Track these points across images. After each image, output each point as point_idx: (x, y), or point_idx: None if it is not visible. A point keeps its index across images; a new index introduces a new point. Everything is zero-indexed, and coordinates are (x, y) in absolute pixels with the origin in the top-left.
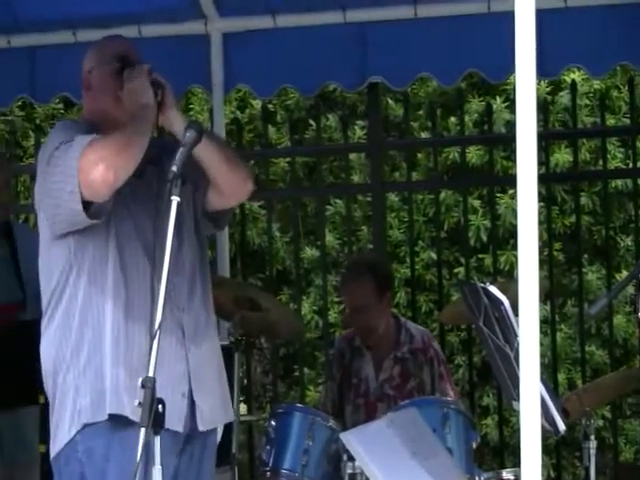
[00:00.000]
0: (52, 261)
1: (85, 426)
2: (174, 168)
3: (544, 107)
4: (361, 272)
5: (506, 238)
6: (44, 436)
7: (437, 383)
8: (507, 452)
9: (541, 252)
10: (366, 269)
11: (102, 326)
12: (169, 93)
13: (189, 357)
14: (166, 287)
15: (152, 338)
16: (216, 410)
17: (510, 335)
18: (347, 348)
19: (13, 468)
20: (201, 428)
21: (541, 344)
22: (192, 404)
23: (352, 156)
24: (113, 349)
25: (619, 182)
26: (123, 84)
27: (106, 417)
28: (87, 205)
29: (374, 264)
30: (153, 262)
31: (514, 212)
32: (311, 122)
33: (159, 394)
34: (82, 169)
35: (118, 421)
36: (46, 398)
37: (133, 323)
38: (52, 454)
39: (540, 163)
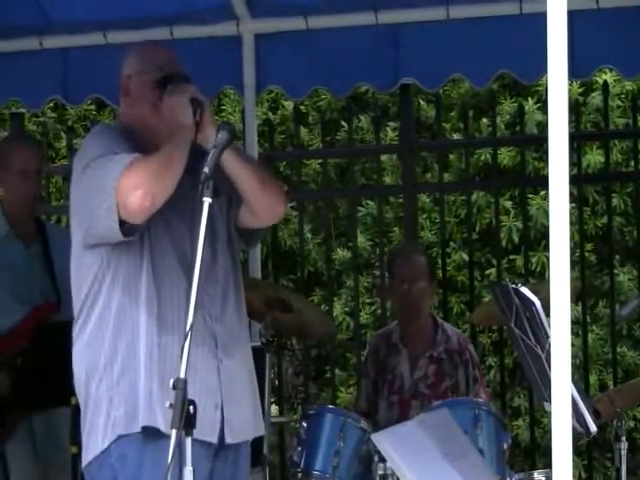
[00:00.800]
0: (84, 268)
1: (119, 437)
2: (206, 170)
3: (576, 108)
4: (417, 249)
5: (538, 239)
6: (75, 438)
7: (471, 386)
8: (538, 453)
9: (573, 253)
10: (420, 251)
11: (136, 338)
12: (207, 111)
13: (221, 369)
14: (200, 298)
15: (184, 339)
16: (246, 423)
17: (541, 336)
18: (382, 344)
19: (47, 469)
20: (229, 441)
21: (572, 345)
22: (223, 415)
23: (384, 157)
24: (147, 361)
25: None
26: (162, 95)
27: (139, 429)
28: (122, 222)
29: (423, 250)
30: (188, 272)
31: (546, 213)
32: (343, 123)
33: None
34: (120, 192)
35: (151, 432)
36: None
37: (167, 335)
38: (84, 462)
39: (572, 164)
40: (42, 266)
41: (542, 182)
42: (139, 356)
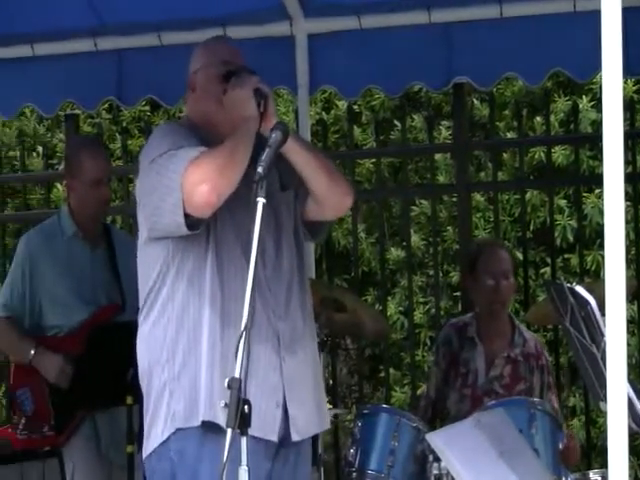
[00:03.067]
0: (149, 260)
1: (178, 430)
2: (260, 169)
3: (630, 106)
4: (502, 245)
5: (592, 238)
6: (131, 437)
7: (545, 392)
8: (594, 453)
9: (628, 252)
10: (503, 246)
11: (198, 331)
12: (271, 102)
13: (283, 367)
14: (264, 295)
15: (239, 339)
16: (311, 420)
17: (597, 335)
18: (455, 336)
19: (110, 468)
20: (295, 438)
21: (628, 344)
22: (286, 414)
23: (437, 156)
24: (208, 355)
25: None
26: (226, 89)
27: (199, 424)
28: (187, 216)
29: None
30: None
31: (600, 212)
32: (396, 123)
33: (254, 403)
34: (185, 187)
35: (211, 427)
36: (133, 400)
37: (229, 329)
38: (145, 453)
39: (626, 162)
40: (107, 269)
41: (597, 180)
42: (201, 350)
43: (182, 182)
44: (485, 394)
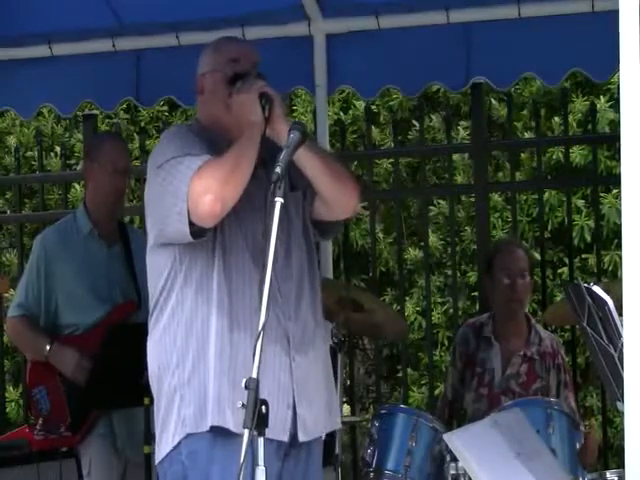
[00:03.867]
0: (158, 264)
1: (188, 435)
2: (278, 169)
3: None
4: (517, 245)
5: (610, 238)
6: (148, 437)
7: (562, 390)
8: (611, 453)
9: None
10: (521, 245)
11: (207, 336)
12: (278, 106)
13: (293, 367)
14: (274, 296)
15: (256, 339)
16: (320, 420)
17: (614, 335)
18: (472, 336)
19: (126, 465)
20: (302, 439)
21: None
22: (295, 414)
23: (455, 156)
24: (217, 360)
25: None
26: (232, 93)
27: (208, 428)
28: (192, 224)
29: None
30: (261, 269)
31: (618, 212)
32: (414, 123)
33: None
34: (190, 197)
35: (220, 432)
36: (151, 400)
37: (238, 333)
38: (157, 459)
39: None
40: (123, 267)
41: (614, 181)
42: (210, 355)
43: (187, 192)
44: (502, 393)
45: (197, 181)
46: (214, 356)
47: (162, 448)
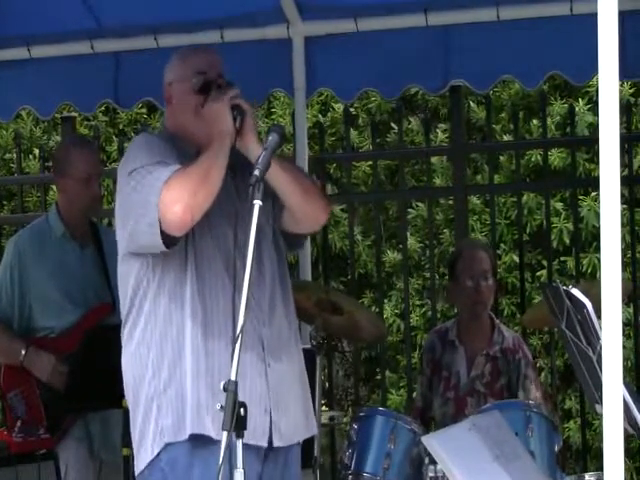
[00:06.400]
0: (128, 274)
1: (167, 445)
2: (256, 172)
3: (627, 109)
4: (479, 247)
5: (589, 240)
6: (127, 440)
7: (522, 382)
8: (590, 455)
9: (624, 254)
10: (483, 247)
11: (182, 345)
12: (250, 119)
13: (268, 372)
14: (247, 301)
15: (234, 341)
16: (296, 426)
17: (593, 338)
18: (438, 342)
19: (101, 466)
20: (277, 444)
21: (624, 347)
22: (271, 420)
23: (434, 159)
24: (193, 368)
25: None
26: (203, 101)
27: (187, 437)
28: (163, 234)
29: (488, 248)
30: (234, 274)
31: (597, 214)
32: (393, 125)
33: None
34: (160, 208)
35: (200, 439)
36: None
37: (213, 340)
38: (137, 471)
39: (623, 165)
40: (96, 268)
41: (593, 183)
42: (185, 363)
43: (157, 203)
44: (467, 394)
45: (166, 192)
46: (190, 364)
47: (140, 459)
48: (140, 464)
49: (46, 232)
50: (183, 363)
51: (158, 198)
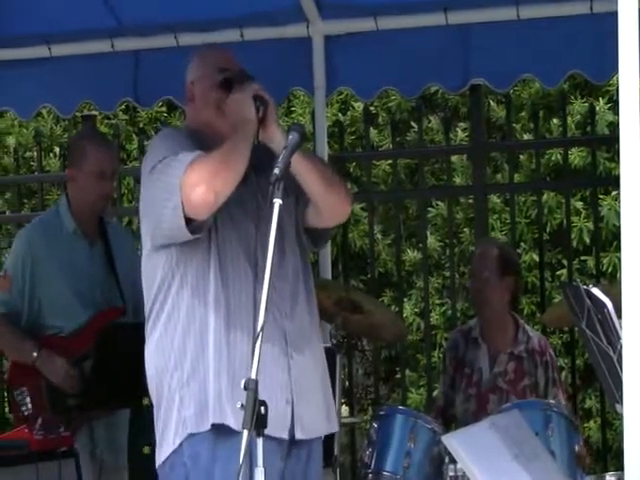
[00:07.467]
0: (154, 268)
1: (189, 435)
2: (276, 171)
3: None
4: (490, 246)
5: (609, 240)
6: (149, 438)
7: (550, 388)
8: (610, 455)
9: None
10: (494, 245)
11: (205, 337)
12: (271, 110)
13: (291, 365)
14: (269, 292)
15: (255, 340)
16: (318, 420)
17: (613, 337)
18: (462, 340)
19: (102, 469)
20: (300, 437)
21: None
22: (293, 412)
23: (454, 158)
24: (216, 360)
25: None
26: (226, 96)
27: (209, 427)
28: (188, 220)
29: (502, 246)
30: (255, 270)
31: (617, 214)
32: (413, 124)
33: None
34: (184, 190)
35: (221, 430)
36: (150, 401)
37: (235, 333)
38: (158, 462)
39: None
40: (105, 266)
41: (613, 182)
42: (208, 355)
43: (180, 184)
44: (490, 391)
45: (189, 173)
46: (213, 355)
47: (163, 450)
48: (162, 456)
49: (57, 227)
50: (206, 355)
51: (181, 181)
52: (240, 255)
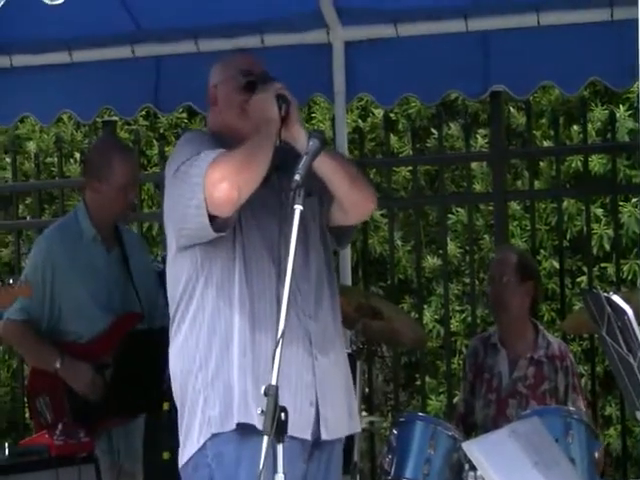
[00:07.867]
0: (179, 270)
1: (214, 435)
2: (297, 177)
3: None
4: (508, 251)
5: (629, 247)
6: (169, 443)
7: (570, 393)
8: (630, 463)
9: None
10: (513, 251)
11: (229, 337)
12: (294, 109)
13: (315, 365)
14: (293, 294)
15: (276, 346)
16: (341, 420)
17: (633, 345)
18: (481, 346)
19: (120, 475)
20: (325, 437)
21: None
22: (317, 413)
23: (474, 165)
24: (240, 360)
25: None
26: (248, 98)
27: (234, 427)
28: (212, 219)
29: (521, 252)
30: (279, 270)
31: (637, 221)
32: (433, 130)
33: (287, 402)
34: (207, 187)
35: (246, 429)
36: (170, 405)
37: (260, 333)
38: (181, 462)
39: None
40: (122, 272)
41: (634, 189)
42: (233, 355)
43: (203, 182)
44: (509, 396)
45: (212, 170)
46: (238, 355)
47: (186, 451)
48: (185, 456)
49: (76, 233)
50: (230, 355)
51: (204, 179)
52: (264, 256)
